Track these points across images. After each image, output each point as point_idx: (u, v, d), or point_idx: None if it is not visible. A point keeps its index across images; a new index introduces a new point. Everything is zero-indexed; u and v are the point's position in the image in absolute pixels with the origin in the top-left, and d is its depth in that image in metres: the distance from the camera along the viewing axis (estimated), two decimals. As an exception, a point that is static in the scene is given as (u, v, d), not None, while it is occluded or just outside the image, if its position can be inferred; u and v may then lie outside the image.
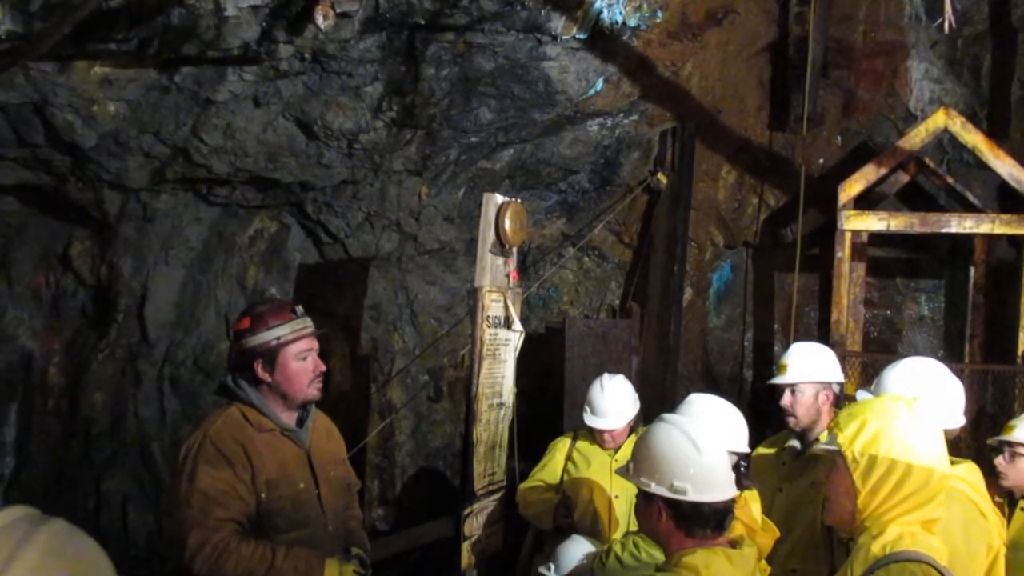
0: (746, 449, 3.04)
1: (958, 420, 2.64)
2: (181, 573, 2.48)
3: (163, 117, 4.50)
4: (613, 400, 3.82)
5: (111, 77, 4.14)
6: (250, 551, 2.45)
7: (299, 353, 2.67)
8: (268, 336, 2.64)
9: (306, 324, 2.72)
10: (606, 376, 3.92)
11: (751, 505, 2.91)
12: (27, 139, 4.52)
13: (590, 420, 3.83)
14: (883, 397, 2.18)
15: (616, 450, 3.89)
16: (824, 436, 3.25)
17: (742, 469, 2.91)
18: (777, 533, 2.83)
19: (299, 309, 2.74)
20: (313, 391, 2.70)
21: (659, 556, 3.00)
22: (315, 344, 2.74)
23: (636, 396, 3.92)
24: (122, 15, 3.62)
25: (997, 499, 3.29)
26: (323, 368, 2.73)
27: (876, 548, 1.90)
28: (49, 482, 5.84)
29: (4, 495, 5.88)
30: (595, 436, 3.91)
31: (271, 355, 2.64)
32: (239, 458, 2.52)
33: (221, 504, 2.47)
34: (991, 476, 3.27)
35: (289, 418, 2.71)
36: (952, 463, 2.18)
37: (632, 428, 3.95)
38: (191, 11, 3.69)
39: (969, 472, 2.54)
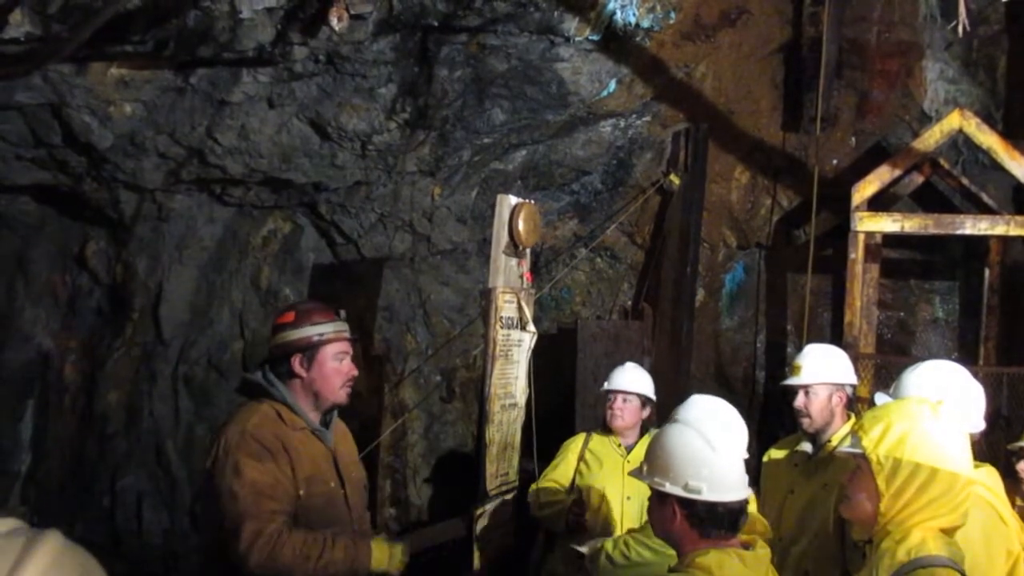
0: (744, 455, 3.05)
1: (978, 424, 2.62)
2: (226, 566, 2.49)
3: (178, 118, 4.54)
4: (630, 371, 3.99)
5: (127, 78, 4.18)
6: (302, 537, 2.46)
7: (337, 353, 2.70)
8: (312, 331, 2.67)
9: (347, 328, 2.77)
10: (630, 363, 4.13)
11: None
12: (44, 139, 4.57)
13: (605, 386, 4.00)
14: (908, 400, 2.13)
15: (628, 451, 3.91)
16: (837, 438, 3.25)
17: None
18: (768, 532, 2.83)
19: (342, 313, 2.79)
20: (343, 395, 2.73)
21: (648, 556, 3.00)
22: (351, 350, 2.77)
23: (653, 387, 3.98)
24: (139, 17, 3.65)
25: (1019, 503, 3.27)
26: (355, 373, 2.76)
27: (901, 553, 1.89)
28: (65, 479, 5.89)
29: (20, 491, 5.93)
30: (607, 420, 3.95)
31: (311, 350, 2.66)
32: (280, 453, 2.53)
33: (270, 496, 2.47)
34: (1009, 480, 3.25)
35: (315, 419, 2.73)
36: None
37: (644, 429, 3.96)
38: (207, 13, 3.72)
39: (988, 476, 2.52)
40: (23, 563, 0.99)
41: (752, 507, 2.86)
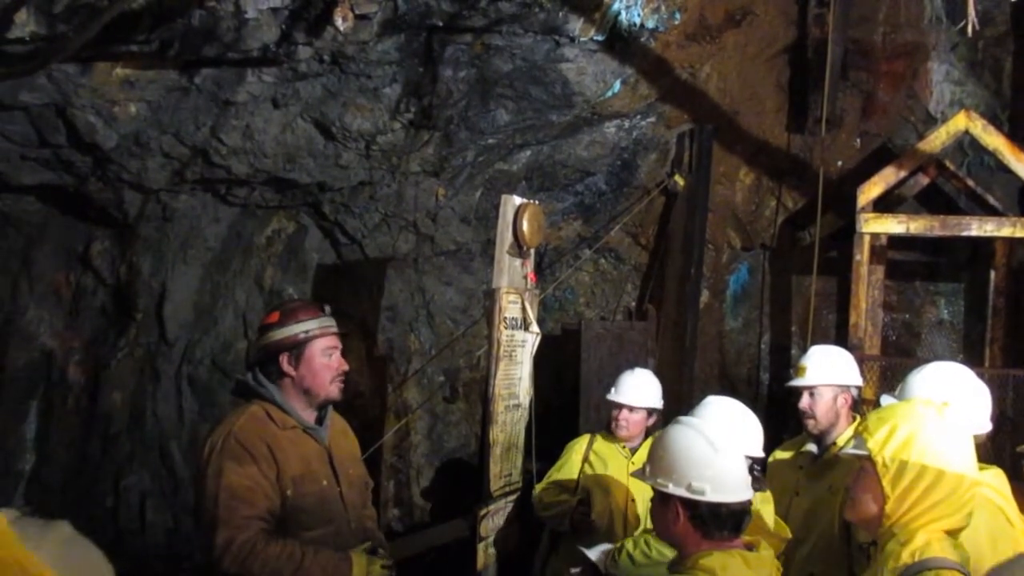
0: (761, 454, 3.04)
1: (985, 426, 2.61)
2: (207, 570, 2.49)
3: (183, 118, 4.54)
4: (639, 381, 3.92)
5: (132, 78, 4.18)
6: (277, 551, 2.46)
7: (325, 349, 2.71)
8: (297, 329, 2.67)
9: (333, 323, 2.78)
10: (639, 367, 4.05)
11: (763, 507, 2.90)
12: (49, 140, 4.57)
13: (611, 395, 3.93)
14: (913, 401, 2.14)
15: (633, 452, 3.90)
16: (842, 440, 3.24)
17: (756, 472, 2.90)
18: (788, 534, 2.82)
19: (327, 308, 2.80)
20: (334, 390, 2.72)
21: (669, 554, 3.01)
22: (340, 344, 2.78)
23: (661, 395, 3.95)
24: (144, 17, 3.65)
25: None
26: (346, 367, 2.76)
27: (906, 555, 1.89)
28: (68, 479, 5.89)
29: (24, 492, 5.93)
30: (611, 428, 3.94)
31: (298, 348, 2.67)
32: (264, 455, 2.53)
33: (247, 501, 2.47)
34: (1015, 482, 3.23)
35: (309, 416, 2.73)
36: (979, 469, 2.15)
37: (649, 431, 3.95)
38: (212, 13, 3.72)
39: (995, 478, 2.52)
40: (45, 536, 1.12)
41: (770, 507, 2.86)
